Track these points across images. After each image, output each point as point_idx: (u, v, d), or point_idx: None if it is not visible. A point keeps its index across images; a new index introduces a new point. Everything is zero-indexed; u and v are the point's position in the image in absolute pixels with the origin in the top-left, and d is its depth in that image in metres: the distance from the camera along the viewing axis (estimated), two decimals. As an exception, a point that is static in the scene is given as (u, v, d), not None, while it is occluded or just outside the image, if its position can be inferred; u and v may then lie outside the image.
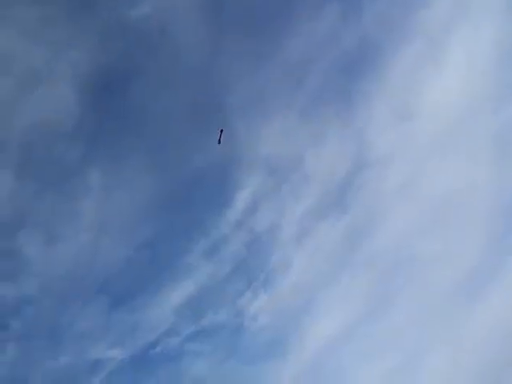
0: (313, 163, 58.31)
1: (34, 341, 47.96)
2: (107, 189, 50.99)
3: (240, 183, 64.18)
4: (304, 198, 64.32)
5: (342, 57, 57.71)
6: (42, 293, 47.78)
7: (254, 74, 55.12)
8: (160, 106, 53.68)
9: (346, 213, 64.94)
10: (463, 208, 64.09)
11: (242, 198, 64.39)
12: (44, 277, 48.44)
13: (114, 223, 53.39)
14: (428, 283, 63.59)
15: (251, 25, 52.38)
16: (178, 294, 62.49)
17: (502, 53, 53.01)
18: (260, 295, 65.99)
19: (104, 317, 53.60)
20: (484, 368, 59.94)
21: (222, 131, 7.42)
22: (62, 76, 45.74)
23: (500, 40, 51.19)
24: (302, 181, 61.83)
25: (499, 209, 62.69)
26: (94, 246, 50.25)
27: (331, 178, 64.08)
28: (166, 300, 57.55)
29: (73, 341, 48.61)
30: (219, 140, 7.13)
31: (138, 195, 54.05)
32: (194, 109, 54.55)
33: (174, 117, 56.06)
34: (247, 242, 64.56)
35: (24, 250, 45.70)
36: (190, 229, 61.13)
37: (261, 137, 55.66)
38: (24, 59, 40.93)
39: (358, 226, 64.74)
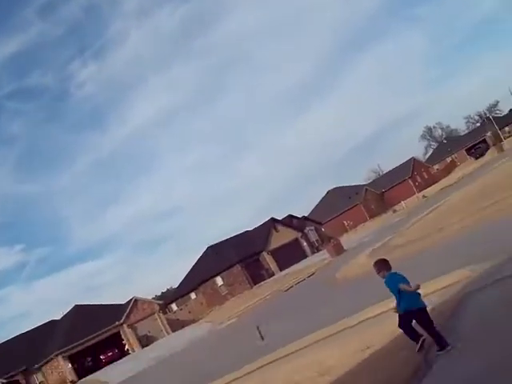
0: None
1: None
2: None
3: None
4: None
5: None
6: None
7: None
8: None
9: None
10: (309, 21, 64.08)
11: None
12: None
13: None
14: (260, 87, 63.71)
15: None
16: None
17: None
18: (91, 64, 62.81)
19: None
20: (295, 174, 63.90)
21: (258, 328, 7.73)
22: None
23: None
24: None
25: (343, 29, 63.70)
26: None
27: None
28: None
29: None
30: (260, 335, 7.40)
31: None
32: None
33: None
34: (87, 5, 59.93)
35: None
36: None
37: None
38: None
39: (201, 12, 62.52)
